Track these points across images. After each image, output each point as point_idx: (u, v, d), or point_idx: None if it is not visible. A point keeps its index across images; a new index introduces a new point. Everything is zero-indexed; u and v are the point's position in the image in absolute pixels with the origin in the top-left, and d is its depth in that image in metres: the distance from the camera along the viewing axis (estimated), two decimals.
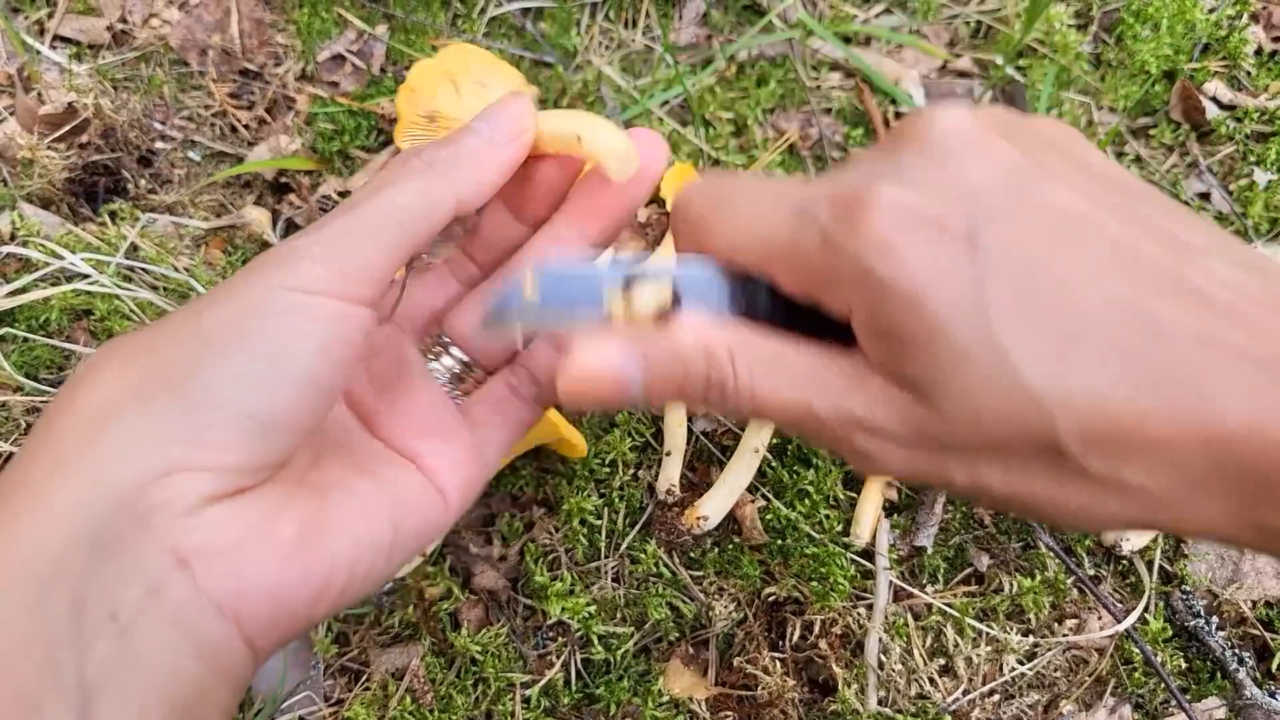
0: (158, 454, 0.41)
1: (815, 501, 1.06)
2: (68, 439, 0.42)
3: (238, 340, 0.43)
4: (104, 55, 1.33)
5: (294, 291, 0.45)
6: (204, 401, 0.42)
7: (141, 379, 0.43)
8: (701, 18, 1.38)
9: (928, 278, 0.41)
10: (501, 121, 0.54)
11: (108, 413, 0.42)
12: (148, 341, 0.46)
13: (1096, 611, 1.05)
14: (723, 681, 1.03)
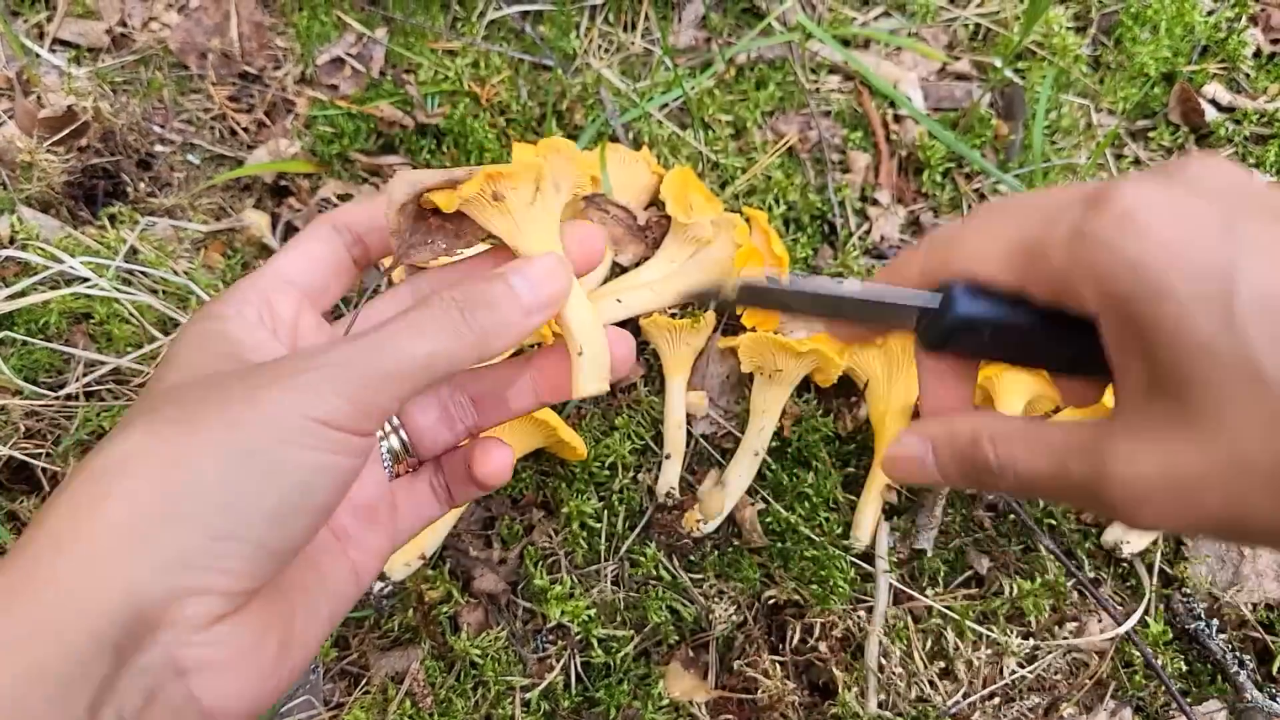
0: (184, 576, 0.44)
1: (815, 504, 1.06)
2: (103, 545, 0.44)
3: (269, 475, 0.46)
4: (103, 58, 1.33)
5: (320, 425, 0.47)
6: (231, 532, 0.45)
7: (176, 496, 0.45)
8: (700, 21, 1.38)
9: (1177, 252, 0.40)
10: (544, 293, 0.56)
11: (143, 530, 0.44)
12: (181, 445, 0.46)
13: (1097, 614, 1.04)
14: (723, 684, 1.02)
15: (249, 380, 0.48)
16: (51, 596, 0.43)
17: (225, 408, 0.47)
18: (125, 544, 0.44)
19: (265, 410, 0.47)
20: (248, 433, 0.46)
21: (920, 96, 1.34)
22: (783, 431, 1.10)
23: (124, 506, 0.45)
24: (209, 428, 0.46)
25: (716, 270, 1.11)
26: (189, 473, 0.45)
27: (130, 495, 0.45)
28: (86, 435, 1.08)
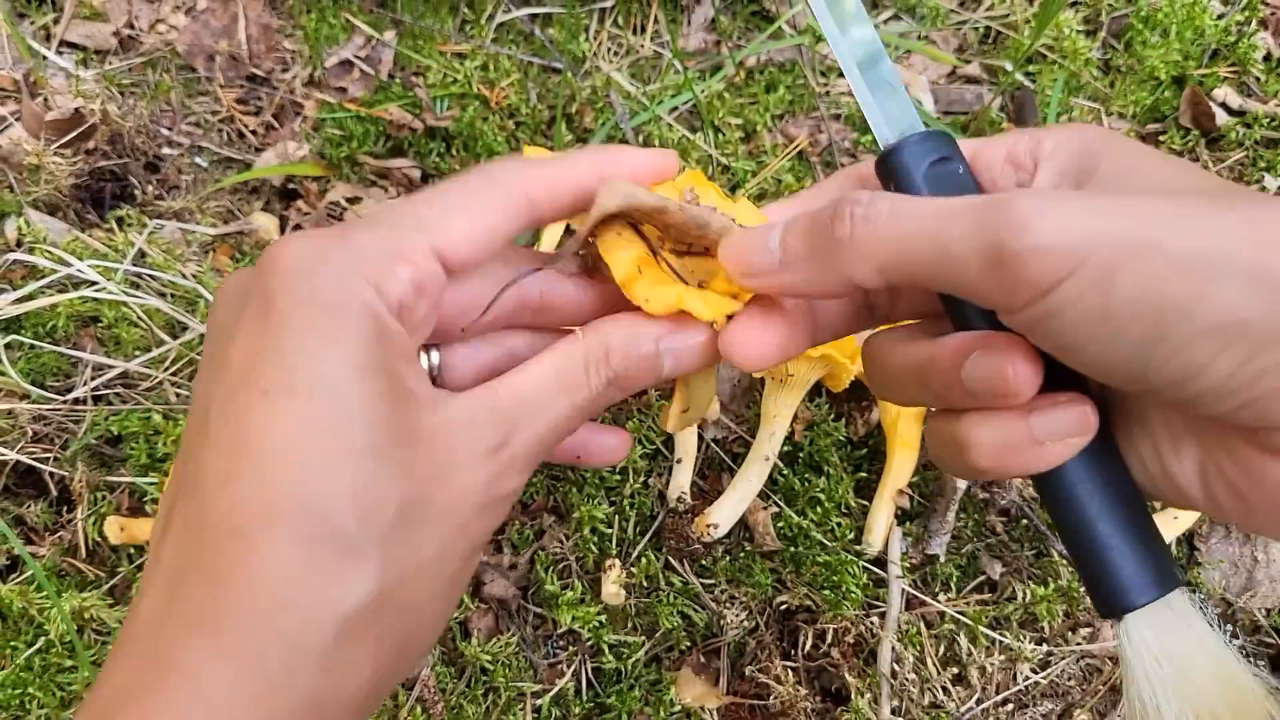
0: None
1: (827, 509, 1.05)
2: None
3: (454, 552, 0.47)
4: (110, 61, 1.33)
5: (497, 495, 0.49)
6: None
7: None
8: (710, 24, 1.38)
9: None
10: (683, 367, 0.54)
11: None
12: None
13: (1111, 620, 1.04)
14: (734, 691, 1.02)
15: (428, 454, 0.45)
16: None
17: (420, 503, 0.44)
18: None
19: (459, 504, 0.46)
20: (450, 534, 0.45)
21: (930, 100, 1.34)
22: (794, 436, 1.09)
23: (259, 587, 0.40)
24: (422, 550, 0.44)
25: None
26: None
27: (262, 575, 0.40)
28: (94, 439, 1.07)
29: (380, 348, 0.44)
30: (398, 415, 0.44)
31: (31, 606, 0.99)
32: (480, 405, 0.47)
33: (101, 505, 1.05)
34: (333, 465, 0.41)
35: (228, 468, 0.41)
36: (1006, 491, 1.03)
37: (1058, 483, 0.49)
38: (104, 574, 1.03)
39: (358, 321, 0.43)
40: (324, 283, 0.44)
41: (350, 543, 0.41)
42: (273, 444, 0.41)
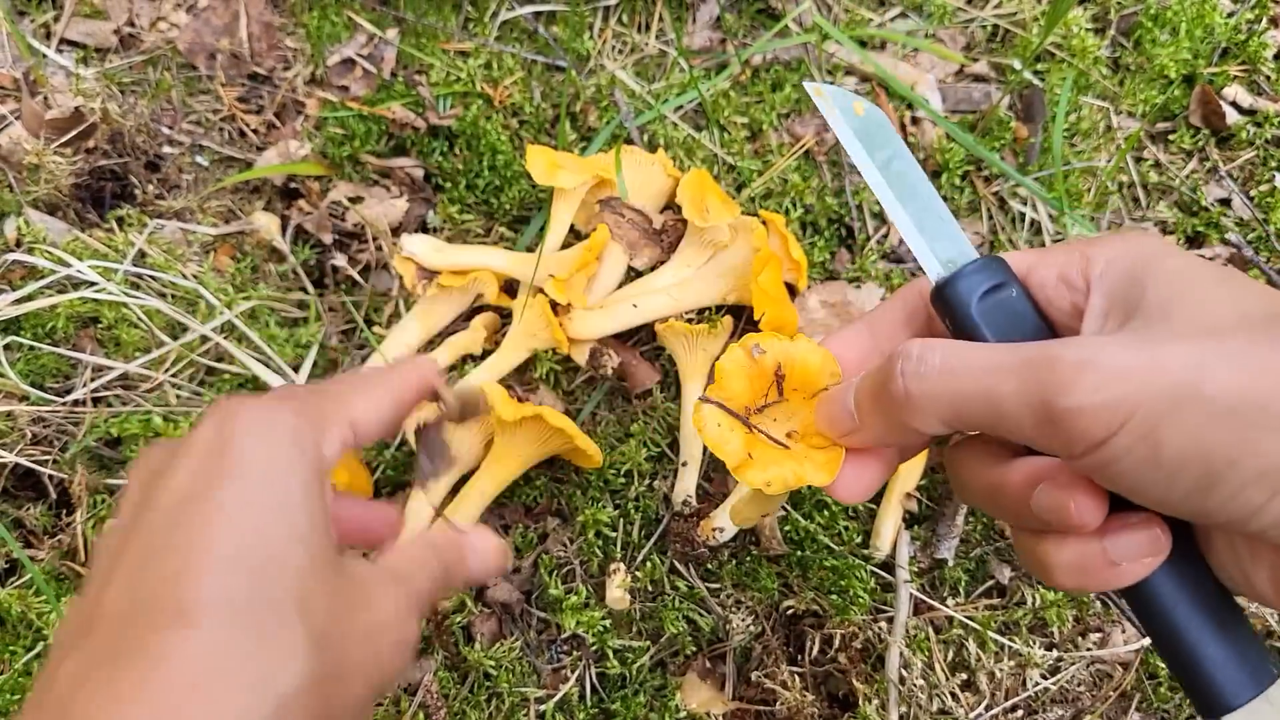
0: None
1: (834, 513, 1.04)
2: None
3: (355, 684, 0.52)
4: (111, 59, 1.32)
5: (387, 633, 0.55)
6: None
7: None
8: (716, 21, 1.36)
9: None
10: (489, 570, 0.64)
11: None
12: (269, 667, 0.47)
13: (1121, 625, 1.03)
14: (740, 696, 1.01)
15: (362, 601, 0.52)
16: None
17: (357, 637, 0.51)
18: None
19: (377, 638, 0.52)
20: (371, 660, 0.51)
21: (938, 98, 1.33)
22: None
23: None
24: (349, 659, 0.50)
25: (734, 275, 1.10)
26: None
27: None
28: (94, 441, 1.06)
29: (321, 488, 0.53)
30: (328, 551, 0.51)
31: (30, 611, 0.98)
32: (384, 569, 0.56)
33: (101, 508, 1.04)
34: (281, 569, 0.48)
35: (181, 563, 0.46)
36: None
37: (1143, 595, 0.51)
38: None
39: (310, 462, 0.53)
40: (282, 428, 0.53)
41: (290, 630, 0.46)
42: (228, 546, 0.47)
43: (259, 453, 0.51)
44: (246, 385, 1.11)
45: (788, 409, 0.65)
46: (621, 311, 1.08)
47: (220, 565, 0.46)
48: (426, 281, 1.09)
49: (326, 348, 1.15)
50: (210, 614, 0.45)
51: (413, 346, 1.11)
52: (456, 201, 1.19)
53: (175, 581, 0.46)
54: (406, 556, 0.58)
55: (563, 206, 1.12)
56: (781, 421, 0.64)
